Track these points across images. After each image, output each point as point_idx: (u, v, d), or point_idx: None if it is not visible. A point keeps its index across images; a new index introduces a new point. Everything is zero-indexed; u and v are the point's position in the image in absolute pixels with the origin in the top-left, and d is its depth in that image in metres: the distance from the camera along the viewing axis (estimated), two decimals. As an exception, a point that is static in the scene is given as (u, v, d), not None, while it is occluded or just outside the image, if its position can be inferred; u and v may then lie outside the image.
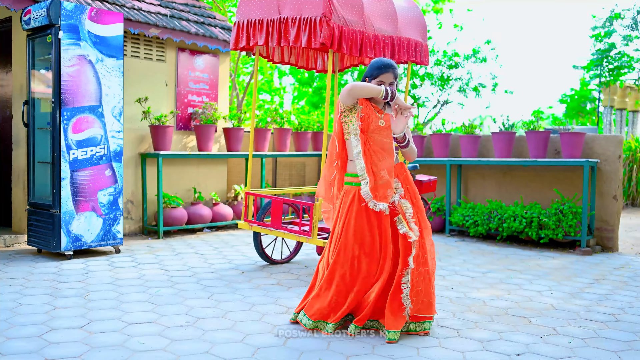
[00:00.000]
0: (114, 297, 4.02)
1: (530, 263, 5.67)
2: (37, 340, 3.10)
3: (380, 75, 3.39)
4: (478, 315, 3.80)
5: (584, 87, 24.94)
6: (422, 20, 5.50)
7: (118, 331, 3.27)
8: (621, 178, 6.56)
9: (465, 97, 13.41)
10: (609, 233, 6.56)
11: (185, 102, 7.33)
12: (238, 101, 12.99)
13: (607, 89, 17.40)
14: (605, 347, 3.24)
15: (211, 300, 4.01)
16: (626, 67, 15.87)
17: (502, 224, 6.71)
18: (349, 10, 4.65)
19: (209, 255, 5.64)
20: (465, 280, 4.83)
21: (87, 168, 5.31)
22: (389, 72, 3.39)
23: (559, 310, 3.98)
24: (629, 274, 5.31)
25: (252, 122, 5.23)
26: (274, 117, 7.99)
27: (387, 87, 3.37)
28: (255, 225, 5.00)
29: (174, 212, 6.78)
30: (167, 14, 7.04)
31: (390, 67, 3.39)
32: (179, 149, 7.30)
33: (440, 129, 8.04)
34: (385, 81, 3.39)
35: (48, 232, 5.25)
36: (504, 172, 7.37)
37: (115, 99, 5.50)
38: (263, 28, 4.74)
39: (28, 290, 4.15)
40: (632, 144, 11.48)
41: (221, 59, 7.75)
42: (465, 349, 3.16)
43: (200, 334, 3.26)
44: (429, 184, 6.29)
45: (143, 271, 4.86)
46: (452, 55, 12.99)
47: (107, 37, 5.42)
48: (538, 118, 7.30)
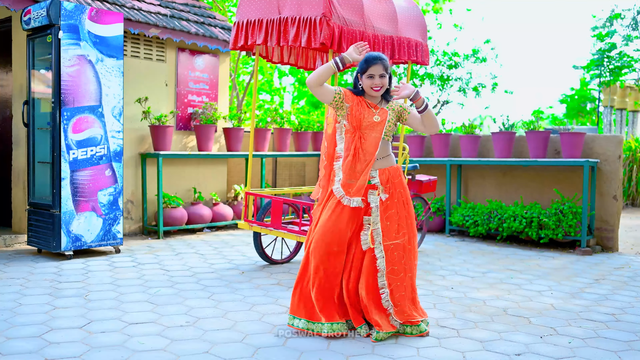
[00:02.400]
0: (114, 297, 4.02)
1: (530, 263, 5.67)
2: (37, 340, 3.10)
3: (369, 68, 3.37)
4: (478, 315, 3.80)
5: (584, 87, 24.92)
6: (422, 20, 5.50)
7: (118, 331, 3.27)
8: (621, 178, 6.56)
9: (465, 97, 13.40)
10: (609, 233, 6.55)
11: (185, 102, 7.33)
12: (238, 101, 12.99)
13: (607, 89, 17.40)
14: (605, 347, 3.24)
15: (211, 300, 4.01)
16: (626, 67, 15.86)
17: (502, 224, 6.70)
18: (349, 10, 4.65)
19: (209, 255, 5.64)
20: (465, 280, 4.83)
21: (87, 168, 5.31)
22: (378, 63, 3.36)
23: (559, 310, 3.98)
24: (629, 274, 5.31)
25: (252, 122, 5.23)
26: (274, 117, 7.99)
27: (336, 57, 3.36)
28: (255, 225, 5.00)
29: (174, 212, 6.78)
30: (167, 14, 7.04)
31: (378, 58, 3.37)
32: (179, 149, 7.30)
33: (440, 129, 8.04)
34: (375, 73, 3.37)
35: (48, 232, 5.25)
36: (504, 172, 7.37)
37: (115, 99, 5.49)
38: (262, 28, 4.74)
39: (28, 290, 4.15)
40: (632, 144, 11.48)
41: (221, 59, 7.75)
42: (465, 349, 3.16)
43: (200, 334, 3.26)
44: (429, 184, 6.30)
45: (143, 271, 4.86)
46: (452, 55, 12.98)
47: (107, 37, 5.42)
48: (538, 118, 7.31)
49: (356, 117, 3.37)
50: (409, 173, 6.01)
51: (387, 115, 3.41)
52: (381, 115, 3.40)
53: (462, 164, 7.50)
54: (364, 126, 3.38)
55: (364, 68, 3.39)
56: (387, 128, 3.42)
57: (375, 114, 3.40)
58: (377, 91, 3.39)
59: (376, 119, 3.39)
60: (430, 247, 6.43)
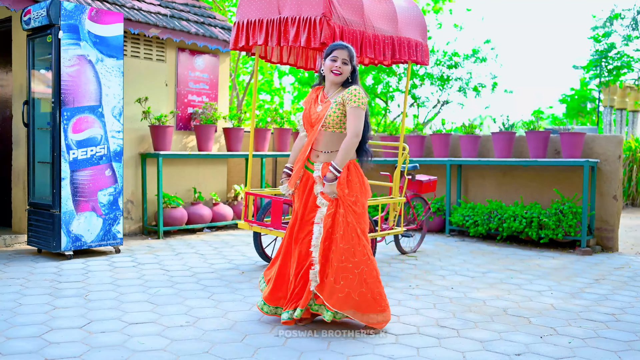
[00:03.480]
0: (114, 297, 4.02)
1: (530, 263, 5.67)
2: (37, 340, 3.10)
3: (333, 52, 3.40)
4: (478, 315, 3.80)
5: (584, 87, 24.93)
6: (422, 20, 5.50)
7: (118, 331, 3.27)
8: (621, 178, 6.56)
9: (465, 97, 13.40)
10: (609, 233, 6.56)
11: (185, 102, 7.33)
12: (238, 101, 12.99)
13: (607, 89, 17.40)
14: (605, 347, 3.24)
15: (211, 300, 4.01)
16: (625, 67, 15.86)
17: (502, 224, 6.70)
18: (349, 10, 4.65)
19: (209, 255, 5.64)
20: (465, 280, 4.83)
21: (87, 168, 5.31)
22: (343, 49, 3.39)
23: (559, 310, 3.98)
24: (629, 274, 5.31)
25: (252, 122, 5.23)
26: (274, 117, 7.99)
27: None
28: (255, 225, 5.00)
29: (174, 212, 6.78)
30: (167, 14, 7.04)
31: (344, 46, 3.41)
32: (179, 149, 7.30)
33: (440, 129, 8.04)
34: (338, 56, 3.38)
35: (48, 232, 5.25)
36: (504, 172, 7.37)
37: (115, 99, 5.49)
38: (262, 28, 4.74)
39: (28, 290, 4.15)
40: (632, 144, 11.49)
41: (221, 59, 7.75)
42: (465, 349, 3.16)
43: (200, 334, 3.26)
44: (429, 184, 6.30)
45: (143, 271, 4.86)
46: (452, 55, 12.98)
47: (107, 37, 5.42)
48: (538, 118, 7.31)
49: (305, 112, 3.49)
50: (409, 173, 6.01)
51: (329, 107, 3.38)
52: (323, 106, 3.41)
53: (462, 164, 7.50)
54: (312, 120, 3.44)
55: (328, 52, 3.43)
56: (331, 120, 3.36)
57: (319, 104, 3.44)
58: (336, 75, 3.38)
59: (318, 109, 3.42)
60: (430, 247, 6.44)
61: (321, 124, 3.37)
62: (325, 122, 3.37)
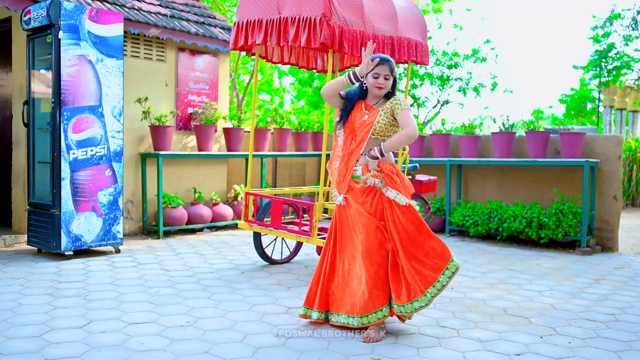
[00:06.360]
0: (114, 297, 4.02)
1: (530, 263, 5.67)
2: (37, 340, 3.10)
3: (375, 68, 3.41)
4: (478, 315, 3.80)
5: (584, 87, 24.93)
6: (422, 20, 5.50)
7: (118, 331, 3.27)
8: (621, 178, 6.56)
9: (465, 97, 13.40)
10: (609, 233, 6.56)
11: (185, 102, 7.33)
12: (238, 101, 12.99)
13: (607, 89, 17.39)
14: (605, 347, 3.24)
15: (211, 300, 4.01)
16: (625, 67, 15.85)
17: (502, 224, 6.71)
18: (349, 10, 4.64)
19: (209, 255, 5.64)
20: (465, 280, 4.83)
21: (87, 168, 5.31)
22: (385, 64, 3.41)
23: (559, 310, 3.98)
24: (629, 274, 5.31)
25: (252, 122, 5.23)
26: (274, 117, 7.99)
27: (349, 72, 3.43)
28: (255, 225, 5.00)
29: (174, 212, 6.78)
30: (167, 14, 7.04)
31: (385, 60, 3.42)
32: (179, 149, 7.30)
33: (440, 129, 8.04)
34: (380, 73, 3.41)
35: (48, 232, 5.25)
36: (504, 172, 7.37)
37: (115, 99, 5.49)
38: (262, 28, 4.74)
39: (28, 290, 4.15)
40: (632, 144, 11.48)
41: (221, 59, 7.75)
42: (465, 349, 3.16)
43: (200, 334, 3.26)
44: (429, 184, 6.29)
45: (143, 271, 4.86)
46: (452, 55, 12.98)
47: (107, 37, 5.42)
48: (538, 118, 7.31)
49: (349, 119, 3.50)
50: (409, 173, 6.01)
51: (377, 115, 3.43)
52: (370, 116, 3.44)
53: (462, 164, 7.50)
54: (356, 127, 3.47)
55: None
56: (378, 127, 3.42)
57: (366, 114, 3.45)
58: (380, 89, 3.43)
59: (365, 118, 3.45)
60: (430, 247, 6.43)
61: (368, 130, 3.42)
62: (374, 130, 3.43)
